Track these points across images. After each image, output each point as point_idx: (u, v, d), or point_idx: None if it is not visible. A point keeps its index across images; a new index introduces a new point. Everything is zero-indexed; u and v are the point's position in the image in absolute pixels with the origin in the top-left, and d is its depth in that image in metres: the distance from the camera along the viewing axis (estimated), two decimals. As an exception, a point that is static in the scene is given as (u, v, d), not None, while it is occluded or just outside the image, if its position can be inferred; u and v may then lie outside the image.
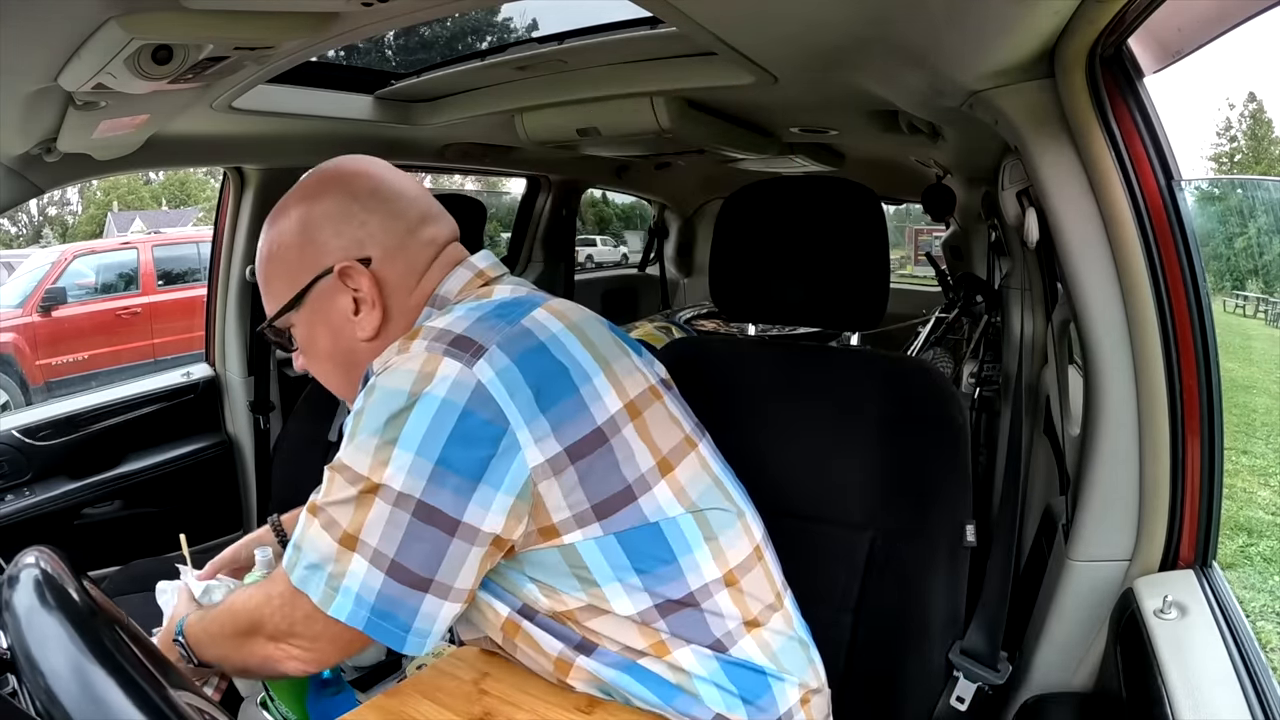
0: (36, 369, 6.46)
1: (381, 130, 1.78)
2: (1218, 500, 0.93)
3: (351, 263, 0.78)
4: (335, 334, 0.81)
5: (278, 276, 0.81)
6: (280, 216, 0.82)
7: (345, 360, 0.82)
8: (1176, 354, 0.90)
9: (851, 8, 0.93)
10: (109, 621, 0.60)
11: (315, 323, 0.81)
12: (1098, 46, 0.83)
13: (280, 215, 0.82)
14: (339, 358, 0.82)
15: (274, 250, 0.81)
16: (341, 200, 0.79)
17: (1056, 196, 0.94)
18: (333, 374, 0.85)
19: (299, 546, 0.71)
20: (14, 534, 1.72)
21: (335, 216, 0.79)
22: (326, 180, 0.82)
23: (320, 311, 0.80)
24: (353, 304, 0.79)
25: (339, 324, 0.80)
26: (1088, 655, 1.01)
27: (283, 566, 0.73)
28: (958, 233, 2.71)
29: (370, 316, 0.79)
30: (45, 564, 0.63)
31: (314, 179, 0.83)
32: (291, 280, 0.80)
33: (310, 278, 0.79)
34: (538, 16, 1.73)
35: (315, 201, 0.80)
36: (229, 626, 0.78)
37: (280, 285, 0.81)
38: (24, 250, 11.09)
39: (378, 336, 0.79)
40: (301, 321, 0.82)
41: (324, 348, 0.82)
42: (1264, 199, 5.41)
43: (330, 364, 0.83)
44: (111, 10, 0.80)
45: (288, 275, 0.80)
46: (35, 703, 0.52)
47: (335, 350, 0.82)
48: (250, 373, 2.12)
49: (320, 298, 0.80)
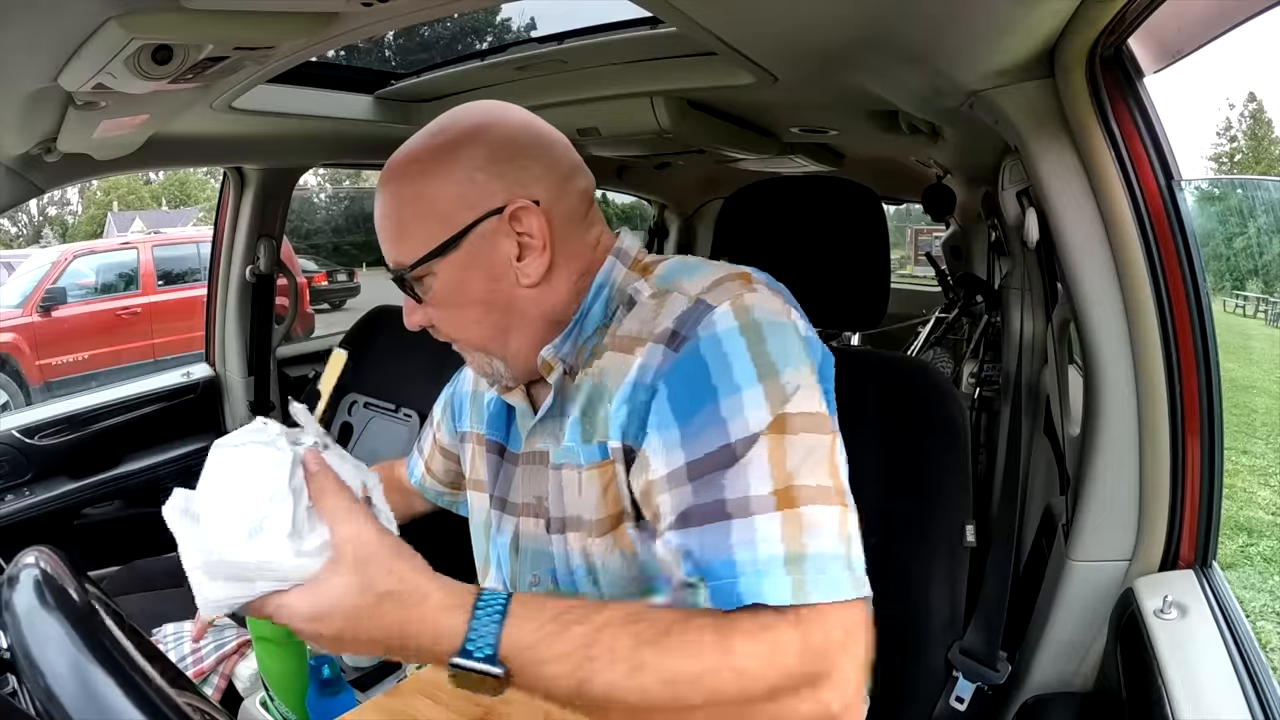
0: (36, 369, 6.46)
1: (381, 130, 1.78)
2: (1218, 500, 0.93)
3: (526, 203, 0.73)
4: (494, 280, 0.75)
5: (429, 218, 0.73)
6: (428, 157, 0.75)
7: (502, 307, 0.76)
8: (1176, 354, 0.90)
9: (851, 8, 0.93)
10: (109, 621, 0.60)
11: (470, 267, 0.74)
12: (1098, 46, 0.83)
13: (428, 155, 0.75)
14: (494, 305, 0.76)
15: (424, 191, 0.74)
16: (501, 142, 0.75)
17: (1056, 196, 0.94)
18: (478, 322, 0.77)
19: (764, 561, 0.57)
20: (14, 534, 1.73)
21: (497, 158, 0.73)
22: (481, 122, 0.76)
23: (479, 255, 0.74)
24: (517, 248, 0.74)
25: (500, 269, 0.74)
26: (1088, 655, 1.01)
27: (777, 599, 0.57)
28: (958, 233, 2.71)
29: (537, 262, 0.74)
30: (45, 564, 0.63)
31: (465, 122, 0.76)
32: (446, 222, 0.73)
33: (472, 219, 0.73)
34: (537, 16, 1.73)
35: (473, 143, 0.74)
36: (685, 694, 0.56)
37: (432, 227, 0.73)
38: (24, 250, 11.09)
39: (540, 284, 0.75)
40: (450, 266, 0.74)
41: (476, 294, 0.75)
42: (1264, 199, 5.41)
43: (479, 310, 0.76)
44: (111, 10, 0.80)
45: (441, 217, 0.73)
46: (35, 703, 0.52)
47: (491, 297, 0.75)
48: (250, 373, 2.12)
49: (480, 241, 0.73)
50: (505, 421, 0.87)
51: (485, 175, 0.73)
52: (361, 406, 1.80)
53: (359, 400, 1.81)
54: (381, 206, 0.76)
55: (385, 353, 1.83)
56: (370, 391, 1.81)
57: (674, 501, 0.63)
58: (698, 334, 0.65)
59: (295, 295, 2.75)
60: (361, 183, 15.57)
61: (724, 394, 0.62)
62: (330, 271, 10.59)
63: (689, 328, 0.65)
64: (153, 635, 1.07)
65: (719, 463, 0.61)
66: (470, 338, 0.79)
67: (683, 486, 0.62)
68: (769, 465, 0.60)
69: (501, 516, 0.85)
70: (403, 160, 0.76)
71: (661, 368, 0.66)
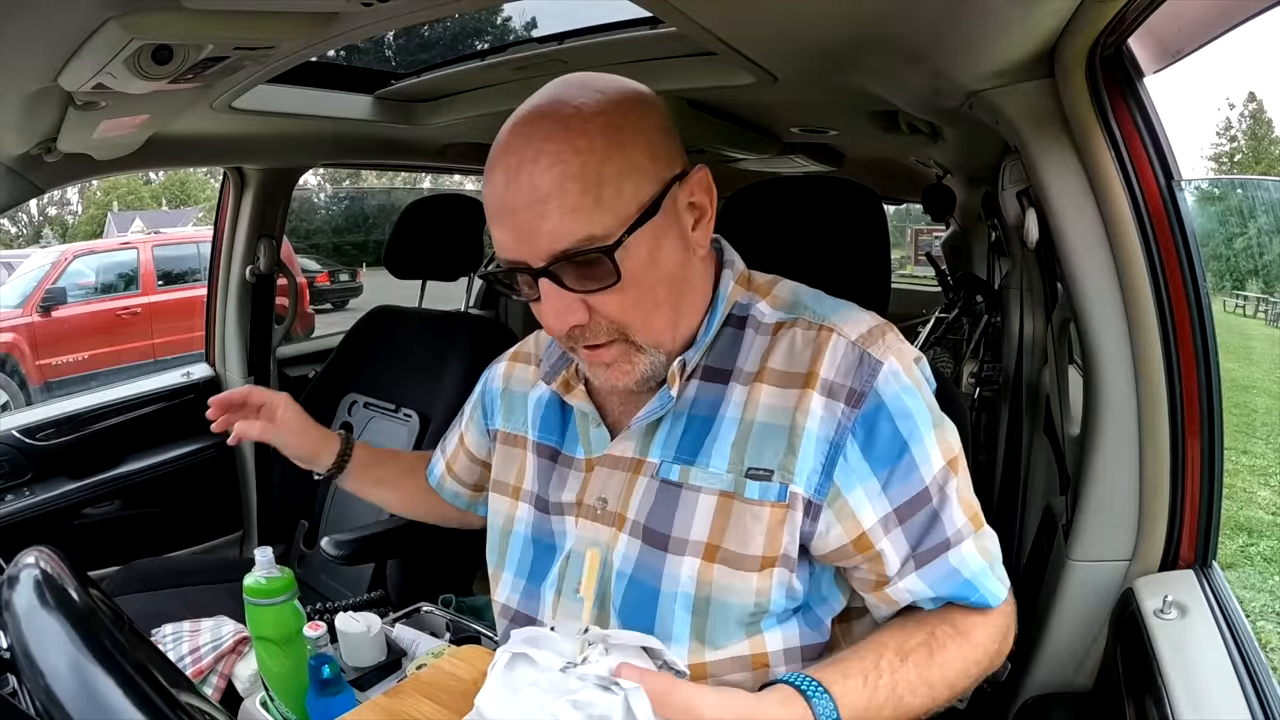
0: (36, 369, 6.46)
1: (381, 130, 1.78)
2: (1218, 500, 0.93)
3: (701, 167, 0.69)
4: (683, 249, 0.70)
5: (628, 177, 0.65)
6: (616, 113, 0.66)
7: (684, 282, 0.71)
8: (1176, 354, 0.90)
9: (851, 8, 0.93)
10: (109, 621, 0.60)
11: (665, 234, 0.67)
12: (1098, 46, 0.83)
13: (616, 112, 0.66)
14: (679, 279, 0.70)
15: (621, 145, 0.64)
16: (660, 114, 0.70)
17: (1056, 196, 0.94)
18: (663, 303, 0.70)
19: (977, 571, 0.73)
20: (14, 534, 1.73)
21: (663, 129, 0.69)
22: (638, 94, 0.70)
23: (674, 220, 0.68)
24: (691, 217, 0.70)
25: (687, 237, 0.70)
26: (1088, 655, 1.01)
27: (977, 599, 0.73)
28: (958, 233, 2.71)
29: (707, 229, 0.71)
30: (45, 564, 0.63)
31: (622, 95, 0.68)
32: (650, 181, 0.66)
33: (665, 182, 0.67)
34: (537, 16, 1.73)
35: (646, 110, 0.68)
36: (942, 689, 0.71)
37: (636, 185, 0.65)
38: (24, 250, 11.08)
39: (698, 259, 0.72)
40: (648, 235, 0.66)
41: (669, 268, 0.68)
42: (1264, 199, 5.41)
43: (666, 290, 0.69)
44: (111, 10, 0.80)
45: (644, 175, 0.66)
46: (35, 703, 0.52)
47: (679, 270, 0.70)
48: (250, 373, 2.12)
49: (673, 204, 0.68)
50: (560, 423, 0.83)
51: (665, 138, 0.68)
52: (361, 406, 1.80)
53: (359, 400, 1.81)
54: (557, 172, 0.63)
55: (385, 353, 1.83)
56: (370, 391, 1.81)
57: (894, 547, 0.71)
58: (877, 389, 0.69)
59: (295, 295, 2.75)
60: (361, 183, 15.57)
61: (913, 444, 0.69)
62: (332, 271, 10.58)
63: (864, 383, 0.69)
64: (153, 635, 1.07)
65: (921, 504, 0.70)
66: (653, 323, 0.70)
67: (895, 531, 0.70)
68: (958, 499, 0.72)
69: (547, 519, 0.82)
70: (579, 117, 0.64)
71: (844, 424, 0.68)
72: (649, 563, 0.73)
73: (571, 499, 0.80)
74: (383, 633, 0.95)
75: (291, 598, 0.85)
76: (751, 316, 0.75)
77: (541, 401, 0.85)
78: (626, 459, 0.76)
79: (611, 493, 0.76)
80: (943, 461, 0.71)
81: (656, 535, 0.73)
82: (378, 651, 0.94)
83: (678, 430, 0.74)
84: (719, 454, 0.71)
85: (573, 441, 0.82)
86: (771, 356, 0.72)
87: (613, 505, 0.76)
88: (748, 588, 0.70)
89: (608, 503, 0.76)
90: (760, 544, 0.70)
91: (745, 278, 0.78)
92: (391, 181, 15.04)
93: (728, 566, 0.70)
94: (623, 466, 0.76)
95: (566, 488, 0.80)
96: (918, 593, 0.72)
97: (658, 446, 0.75)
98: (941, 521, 0.71)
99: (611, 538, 0.76)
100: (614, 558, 0.75)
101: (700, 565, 0.71)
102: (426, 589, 1.18)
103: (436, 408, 1.65)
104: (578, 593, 0.76)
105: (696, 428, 0.74)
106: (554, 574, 0.80)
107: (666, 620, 0.72)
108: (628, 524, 0.75)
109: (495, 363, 0.98)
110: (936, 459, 0.70)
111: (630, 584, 0.74)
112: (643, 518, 0.74)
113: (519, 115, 0.67)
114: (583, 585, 0.74)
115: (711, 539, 0.71)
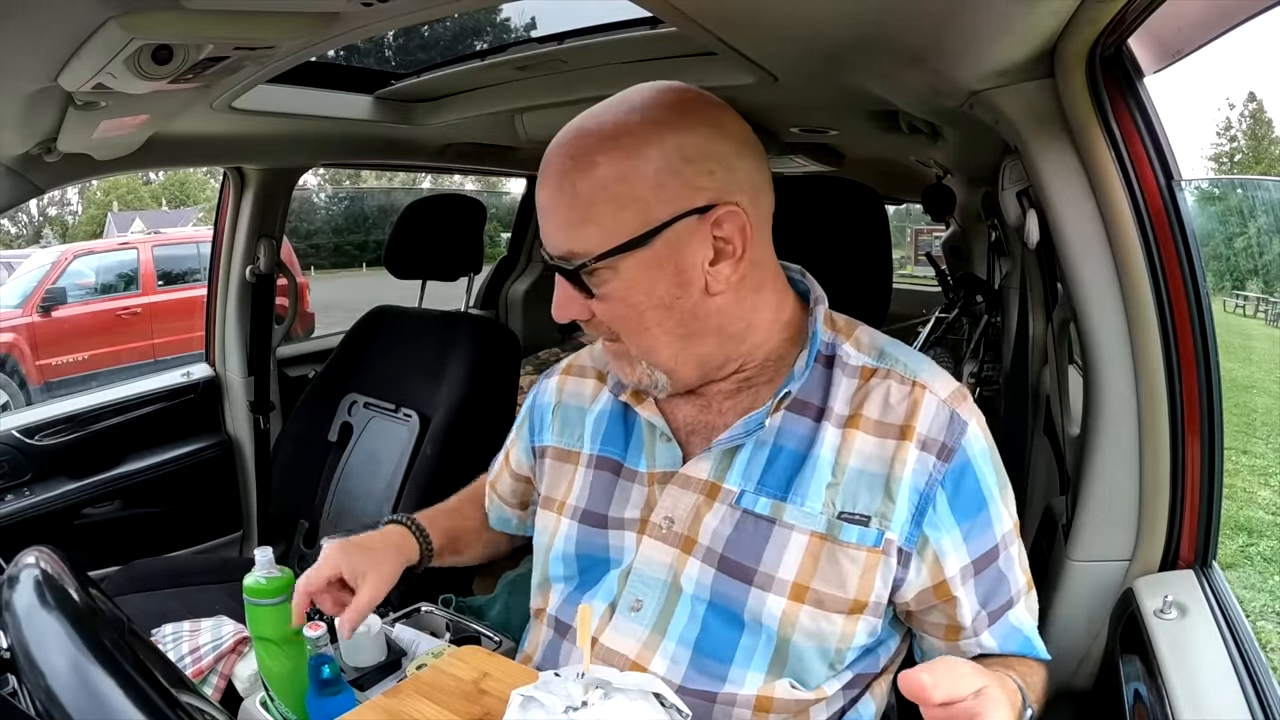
0: (36, 369, 6.46)
1: (381, 130, 1.79)
2: (1218, 500, 0.93)
3: (732, 207, 0.68)
4: (682, 283, 0.69)
5: (624, 207, 0.66)
6: (631, 139, 0.67)
7: (683, 315, 0.71)
8: (1176, 354, 0.90)
9: (851, 8, 0.93)
10: (109, 621, 0.60)
11: (658, 266, 0.68)
12: (1098, 46, 0.83)
13: (630, 138, 0.67)
14: (675, 310, 0.70)
15: (623, 175, 0.66)
16: (714, 136, 0.68)
17: (1056, 196, 0.94)
18: (654, 327, 0.71)
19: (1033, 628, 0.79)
20: (14, 534, 1.73)
21: (708, 154, 0.67)
22: (692, 110, 0.69)
23: (671, 255, 0.68)
24: (712, 252, 0.69)
25: (690, 273, 0.69)
26: (1088, 655, 1.01)
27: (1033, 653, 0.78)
28: (958, 233, 2.71)
29: (731, 271, 0.70)
30: (45, 564, 0.63)
31: (672, 107, 0.69)
32: (643, 214, 0.66)
33: (672, 214, 0.67)
34: (537, 16, 1.73)
35: (684, 131, 0.67)
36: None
37: (625, 217, 0.66)
38: (24, 250, 11.08)
39: (724, 293, 0.71)
40: (637, 263, 0.67)
41: (659, 297, 0.69)
42: (1264, 199, 5.40)
43: (657, 314, 0.70)
44: (111, 10, 0.80)
45: (640, 208, 0.66)
46: (35, 703, 0.52)
47: (674, 302, 0.70)
48: (250, 373, 2.12)
49: (676, 239, 0.67)
50: (624, 435, 0.83)
51: (693, 169, 0.67)
52: (361, 406, 1.80)
53: (359, 400, 1.81)
54: (558, 185, 0.67)
55: (385, 352, 1.83)
56: (370, 391, 1.80)
57: (968, 597, 0.74)
58: (964, 447, 0.72)
59: (295, 295, 2.75)
60: (361, 183, 15.57)
61: (990, 501, 0.73)
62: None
63: (954, 439, 0.72)
64: (152, 635, 1.07)
65: (993, 559, 0.74)
66: (640, 342, 0.73)
67: (970, 581, 0.74)
68: (1018, 559, 0.77)
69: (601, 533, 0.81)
70: (595, 137, 0.67)
71: (935, 476, 0.71)
72: (729, 593, 0.73)
73: (635, 515, 0.79)
74: (383, 633, 0.95)
75: (291, 598, 0.85)
76: (839, 357, 0.76)
77: (604, 415, 0.85)
78: (699, 480, 0.76)
79: (680, 514, 0.76)
80: (1009, 524, 0.75)
81: (739, 567, 0.73)
82: (378, 651, 0.94)
83: (760, 459, 0.74)
84: (814, 494, 0.72)
85: (636, 455, 0.81)
86: (867, 405, 0.73)
87: (679, 526, 0.76)
88: (834, 630, 0.72)
89: (674, 523, 0.76)
90: (854, 587, 0.71)
91: (828, 317, 0.79)
92: (391, 182, 15.05)
93: (815, 608, 0.71)
94: (694, 488, 0.76)
95: (630, 503, 0.80)
96: (988, 647, 0.76)
97: (736, 473, 0.74)
98: (1007, 580, 0.76)
99: (678, 560, 0.76)
100: (682, 581, 0.75)
101: (787, 604, 0.71)
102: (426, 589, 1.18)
103: (436, 408, 1.65)
104: (633, 610, 0.77)
105: (785, 461, 0.74)
106: (606, 589, 0.80)
107: (745, 653, 0.73)
108: (699, 549, 0.75)
109: (544, 377, 0.96)
110: (1006, 520, 0.75)
111: (709, 609, 0.74)
112: (720, 546, 0.74)
113: (572, 122, 0.71)
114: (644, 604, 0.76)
115: (800, 579, 0.71)
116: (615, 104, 0.70)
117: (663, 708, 0.63)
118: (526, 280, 2.88)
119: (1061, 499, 1.25)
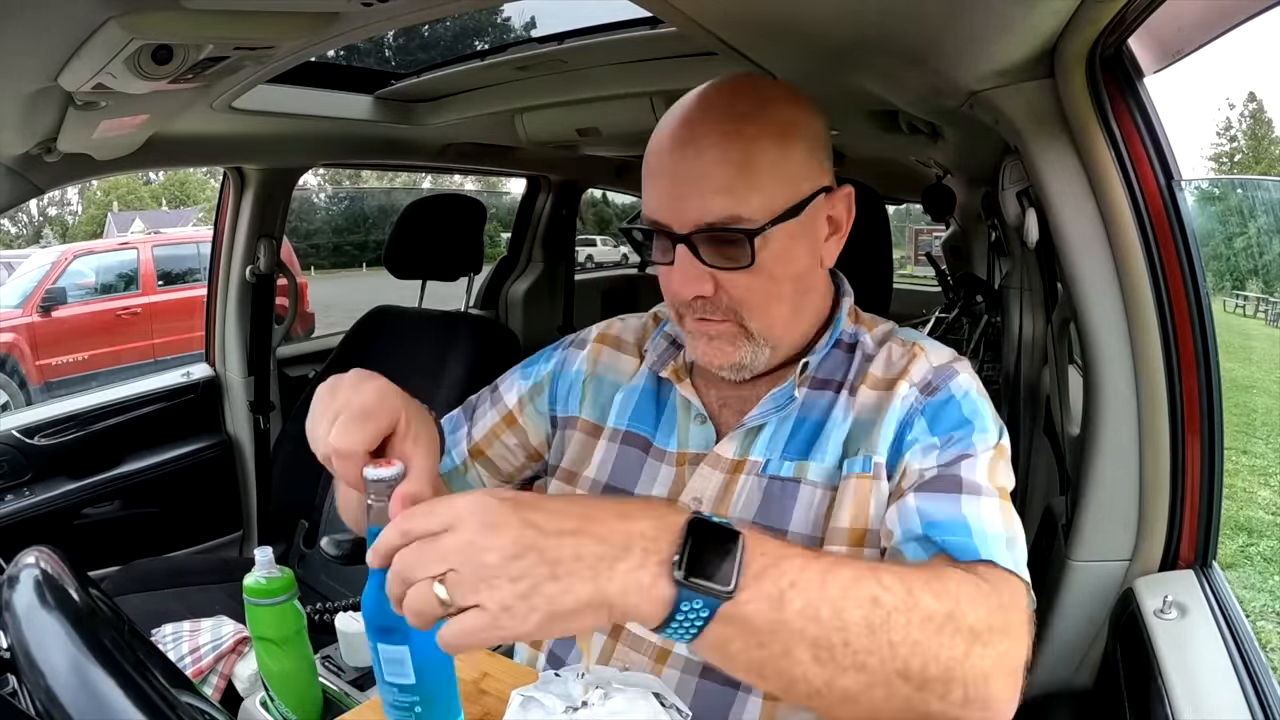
0: (36, 369, 6.46)
1: (381, 130, 1.79)
2: (1218, 500, 0.93)
3: (848, 187, 0.76)
4: (813, 255, 0.76)
5: (785, 177, 0.70)
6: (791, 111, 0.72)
7: (807, 285, 0.77)
8: (1176, 354, 0.90)
9: (851, 8, 0.93)
10: (109, 621, 0.60)
11: (803, 236, 0.73)
12: (1098, 46, 0.83)
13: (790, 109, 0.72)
14: (802, 283, 0.76)
15: (787, 146, 0.70)
16: (824, 126, 0.76)
17: (1056, 196, 0.94)
18: (785, 299, 0.75)
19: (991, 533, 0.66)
20: (14, 534, 1.73)
21: (827, 141, 0.75)
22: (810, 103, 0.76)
23: (808, 228, 0.73)
24: (828, 228, 0.76)
25: (818, 246, 0.76)
26: (1088, 655, 1.01)
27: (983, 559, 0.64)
28: (958, 233, 2.71)
29: (838, 245, 0.77)
30: (45, 564, 0.63)
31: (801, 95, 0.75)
32: (794, 188, 0.71)
33: (813, 189, 0.72)
34: (537, 16, 1.73)
35: (817, 117, 0.75)
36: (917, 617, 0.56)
37: (783, 187, 0.70)
38: (24, 250, 11.08)
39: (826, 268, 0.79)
40: (784, 234, 0.71)
41: (798, 268, 0.74)
42: (1264, 199, 5.40)
43: (791, 287, 0.75)
44: (111, 10, 0.80)
45: (793, 181, 0.71)
46: (35, 703, 0.52)
47: (806, 272, 0.76)
48: (250, 373, 2.12)
49: (815, 212, 0.73)
50: (655, 413, 0.84)
51: (824, 152, 0.74)
52: (361, 406, 1.80)
53: (359, 400, 1.81)
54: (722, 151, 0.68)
55: (385, 352, 1.83)
56: (370, 391, 1.80)
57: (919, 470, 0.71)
58: (949, 385, 0.75)
59: (295, 295, 2.75)
60: (361, 183, 15.57)
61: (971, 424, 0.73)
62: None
63: (940, 380, 0.75)
64: (152, 635, 1.07)
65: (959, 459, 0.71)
66: (769, 313, 0.75)
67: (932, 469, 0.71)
68: (989, 470, 0.71)
69: None
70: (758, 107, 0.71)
71: (917, 405, 0.74)
72: None
73: (664, 494, 0.80)
74: (383, 633, 0.95)
75: (291, 598, 0.85)
76: (860, 343, 0.80)
77: (636, 390, 0.85)
78: (726, 459, 0.78)
79: (709, 494, 0.78)
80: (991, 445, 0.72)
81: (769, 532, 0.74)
82: (378, 651, 0.94)
83: (784, 432, 0.77)
84: (832, 451, 0.75)
85: (666, 434, 0.82)
86: (872, 366, 0.78)
87: (707, 506, 0.77)
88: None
89: (702, 504, 0.78)
90: (849, 516, 0.72)
91: (854, 311, 0.84)
92: (391, 182, 15.04)
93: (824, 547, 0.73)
94: (722, 468, 0.78)
95: (658, 482, 0.81)
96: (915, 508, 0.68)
97: (761, 446, 0.77)
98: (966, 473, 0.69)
99: None
100: None
101: None
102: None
103: (436, 407, 1.63)
104: None
105: (807, 430, 0.77)
106: None
107: None
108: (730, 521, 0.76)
109: (569, 346, 0.92)
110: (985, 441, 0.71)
111: None
112: (750, 514, 0.76)
113: (706, 89, 0.73)
114: None
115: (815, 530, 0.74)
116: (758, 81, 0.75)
117: (663, 708, 0.63)
118: (526, 280, 2.88)
119: (1061, 499, 1.25)
